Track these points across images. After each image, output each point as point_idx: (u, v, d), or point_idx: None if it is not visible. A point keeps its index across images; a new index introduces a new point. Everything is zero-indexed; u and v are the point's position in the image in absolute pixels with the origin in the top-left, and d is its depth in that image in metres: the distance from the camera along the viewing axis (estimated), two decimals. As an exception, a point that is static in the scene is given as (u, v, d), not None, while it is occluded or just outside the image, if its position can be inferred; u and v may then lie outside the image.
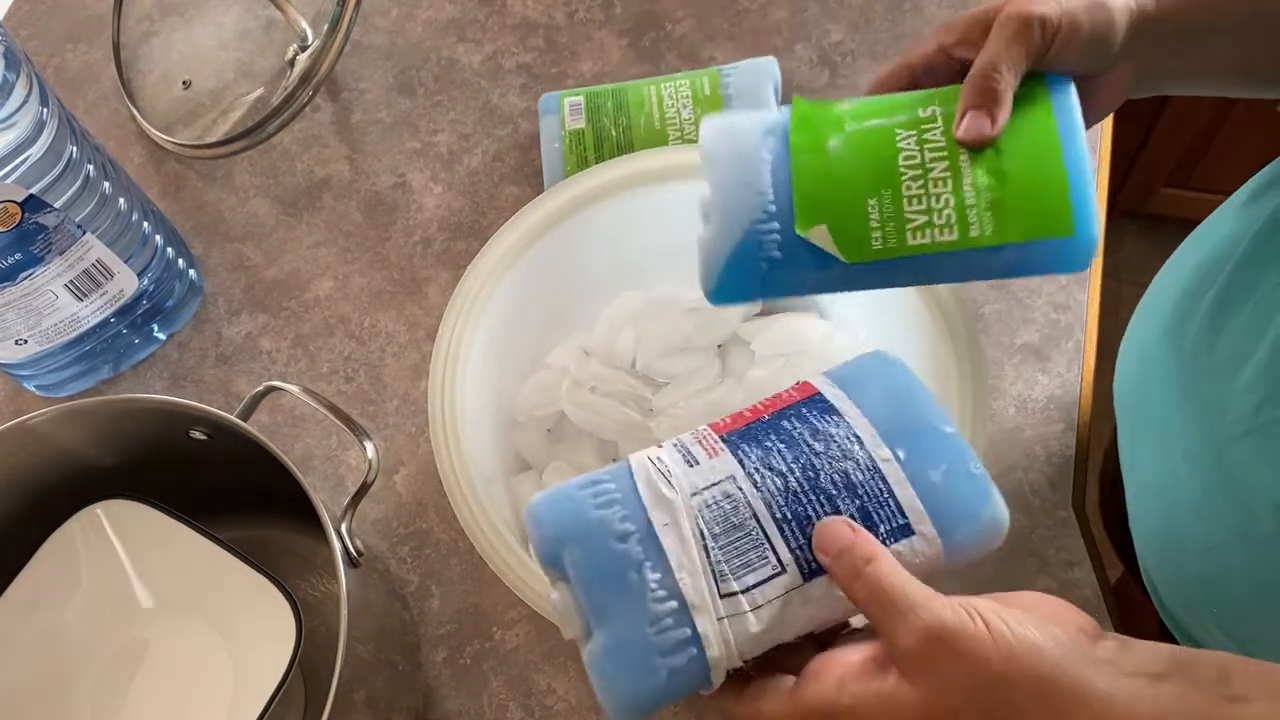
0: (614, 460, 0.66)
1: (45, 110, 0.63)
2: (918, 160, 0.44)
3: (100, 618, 0.61)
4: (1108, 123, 0.79)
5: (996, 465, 0.68)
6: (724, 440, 0.40)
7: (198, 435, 0.59)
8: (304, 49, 0.81)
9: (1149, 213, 1.55)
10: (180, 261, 0.78)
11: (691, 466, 0.40)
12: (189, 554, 0.60)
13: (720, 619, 0.37)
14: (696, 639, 0.37)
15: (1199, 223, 0.61)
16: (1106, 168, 0.78)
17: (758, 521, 0.38)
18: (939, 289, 0.57)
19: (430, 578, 0.69)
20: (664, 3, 0.88)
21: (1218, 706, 0.31)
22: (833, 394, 0.41)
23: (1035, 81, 0.45)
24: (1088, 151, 0.43)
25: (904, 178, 0.44)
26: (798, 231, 0.44)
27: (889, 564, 0.35)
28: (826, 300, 0.68)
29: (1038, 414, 0.69)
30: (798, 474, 0.39)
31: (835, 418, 0.40)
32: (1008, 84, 0.44)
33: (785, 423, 0.40)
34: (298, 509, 0.54)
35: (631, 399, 0.65)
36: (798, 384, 0.43)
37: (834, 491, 0.38)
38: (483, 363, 0.60)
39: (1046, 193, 0.43)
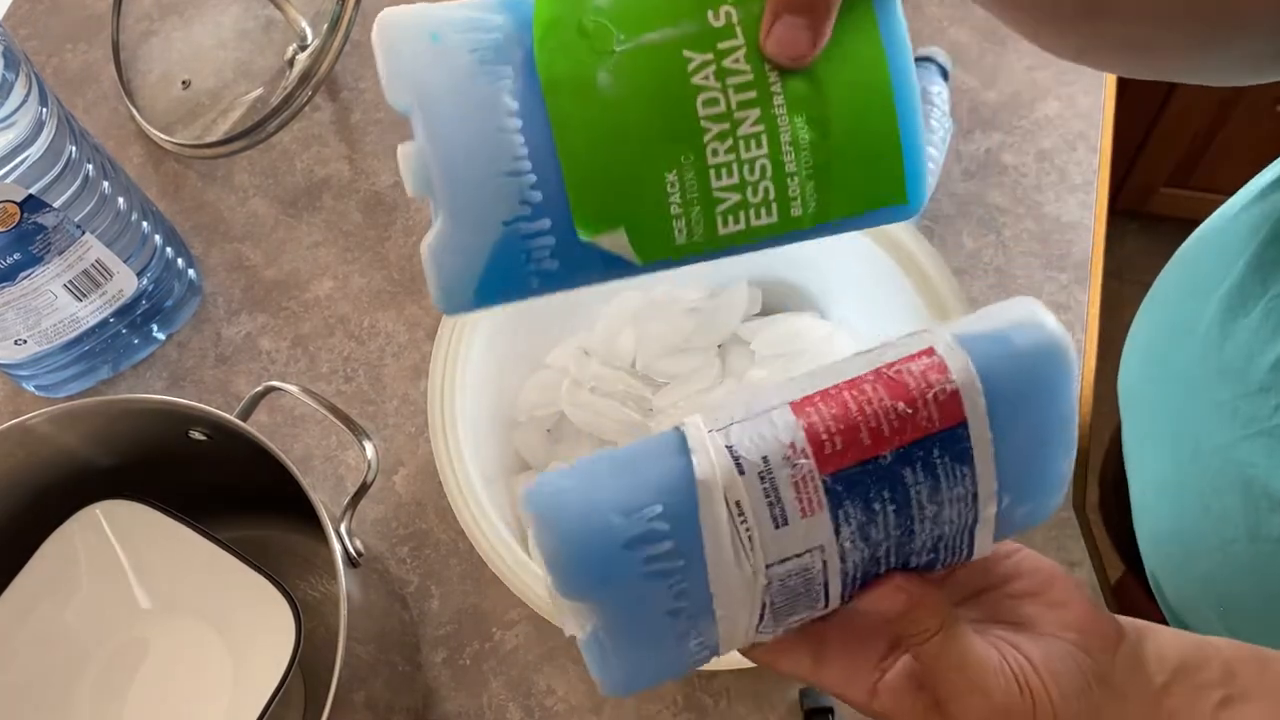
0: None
1: (44, 110, 0.63)
2: (721, 106, 0.32)
3: (100, 618, 0.61)
4: (1108, 122, 0.79)
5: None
6: (829, 491, 0.32)
7: (197, 435, 0.59)
8: (303, 48, 0.81)
9: (1149, 212, 1.55)
10: (180, 261, 0.78)
11: (779, 528, 0.32)
12: (189, 554, 0.60)
13: (744, 648, 0.36)
14: (715, 648, 0.35)
15: (1199, 222, 0.61)
16: (1107, 168, 0.78)
17: (824, 589, 0.33)
18: (939, 290, 0.57)
19: (430, 578, 0.69)
20: (664, 2, 0.87)
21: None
22: (978, 431, 0.32)
23: None
24: (916, 85, 0.34)
25: (707, 134, 0.32)
26: (582, 237, 0.32)
27: (947, 635, 0.35)
28: (827, 300, 0.68)
29: (1038, 414, 0.69)
30: (891, 544, 0.33)
31: (964, 471, 0.32)
32: None
33: (907, 472, 0.32)
34: (298, 509, 0.54)
35: (631, 399, 0.65)
36: (945, 390, 0.32)
37: (917, 551, 0.34)
38: (483, 363, 0.60)
39: (877, 153, 0.33)
